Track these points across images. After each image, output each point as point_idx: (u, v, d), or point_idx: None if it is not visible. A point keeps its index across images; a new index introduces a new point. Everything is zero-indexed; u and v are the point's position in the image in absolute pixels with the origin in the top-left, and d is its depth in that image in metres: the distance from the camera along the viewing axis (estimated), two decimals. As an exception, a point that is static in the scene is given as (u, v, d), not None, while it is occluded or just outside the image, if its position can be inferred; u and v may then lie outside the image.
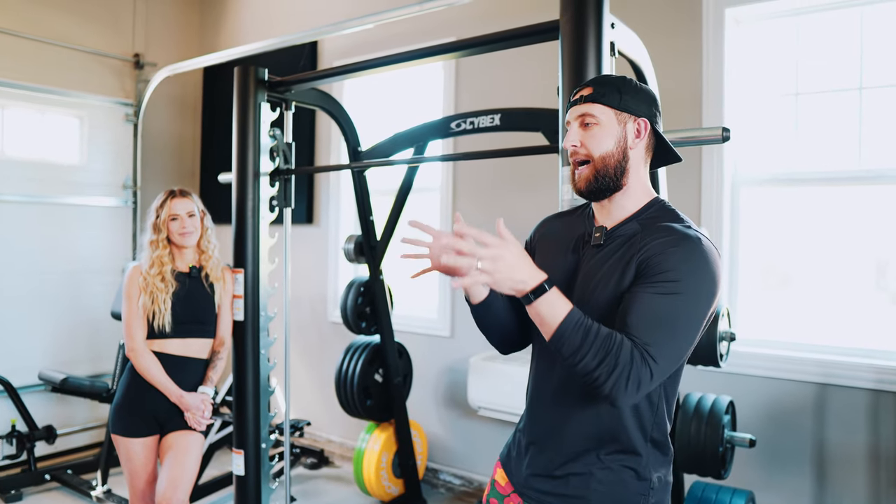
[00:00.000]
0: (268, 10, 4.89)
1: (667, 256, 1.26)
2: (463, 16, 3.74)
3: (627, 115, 1.37)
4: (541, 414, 1.46)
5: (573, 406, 1.39)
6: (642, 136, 1.39)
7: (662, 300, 1.24)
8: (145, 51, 4.86)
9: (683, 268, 1.25)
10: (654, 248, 1.28)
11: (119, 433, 2.52)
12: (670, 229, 1.31)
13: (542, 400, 1.46)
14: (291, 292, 4.48)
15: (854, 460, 2.72)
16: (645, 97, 1.39)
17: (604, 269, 1.35)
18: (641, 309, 1.24)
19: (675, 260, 1.26)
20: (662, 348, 1.23)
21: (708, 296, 1.27)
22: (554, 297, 1.23)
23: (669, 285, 1.24)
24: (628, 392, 1.21)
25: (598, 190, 1.38)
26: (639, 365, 1.20)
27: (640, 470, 1.37)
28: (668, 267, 1.25)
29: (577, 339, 1.21)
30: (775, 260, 3.10)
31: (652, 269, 1.27)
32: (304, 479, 4.08)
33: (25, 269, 4.26)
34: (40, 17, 4.34)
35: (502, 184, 3.71)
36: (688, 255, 1.26)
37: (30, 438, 3.86)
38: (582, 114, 1.38)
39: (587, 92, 1.39)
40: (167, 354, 2.56)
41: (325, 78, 2.75)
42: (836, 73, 2.89)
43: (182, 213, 2.61)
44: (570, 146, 1.39)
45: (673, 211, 1.39)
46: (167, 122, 5.12)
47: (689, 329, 1.26)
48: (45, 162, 4.39)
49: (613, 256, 1.35)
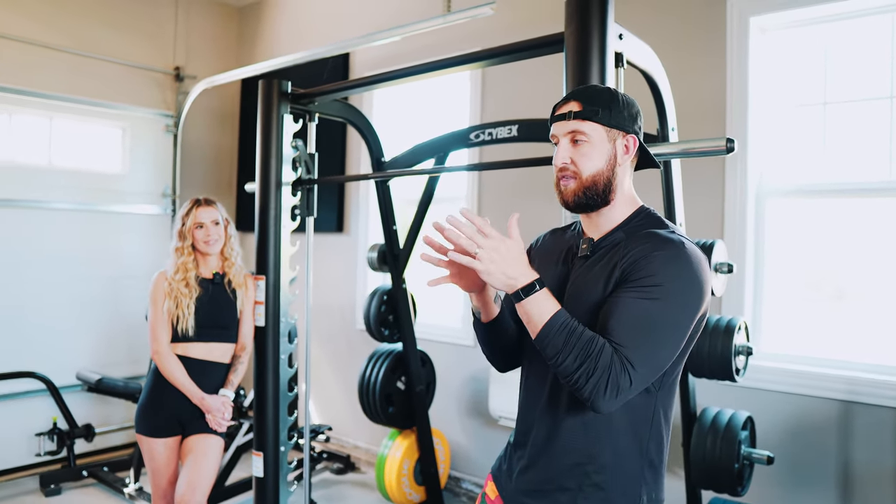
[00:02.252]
0: (302, 24, 5.02)
1: (649, 261, 1.26)
2: (489, 27, 3.77)
3: (617, 132, 1.36)
4: (530, 428, 1.46)
5: (563, 420, 1.39)
6: (631, 152, 1.39)
7: (643, 304, 1.24)
8: (185, 64, 5.04)
9: (665, 272, 1.25)
10: (636, 253, 1.29)
11: (142, 433, 2.62)
12: (653, 235, 1.32)
13: (532, 414, 1.46)
14: (321, 300, 4.56)
15: (881, 481, 2.63)
16: (631, 110, 1.39)
17: (589, 277, 1.36)
18: (622, 313, 1.24)
19: (657, 264, 1.26)
20: (642, 354, 1.23)
21: (692, 301, 1.26)
22: (543, 296, 1.26)
23: (651, 290, 1.24)
24: (607, 397, 1.21)
25: (585, 205, 1.38)
26: (618, 370, 1.21)
27: (630, 488, 1.35)
28: (650, 271, 1.25)
29: (560, 340, 1.23)
30: (802, 273, 3.02)
31: (634, 273, 1.27)
32: (330, 483, 4.14)
33: (69, 275, 4.45)
34: (85, 32, 4.55)
35: (525, 192, 3.72)
36: (670, 258, 1.26)
37: (70, 436, 4.03)
38: (572, 130, 1.37)
39: (576, 107, 1.37)
40: (190, 358, 2.65)
41: (346, 90, 2.80)
42: (865, 81, 2.82)
43: (207, 222, 2.70)
44: (561, 164, 1.38)
45: (658, 218, 1.40)
46: (205, 133, 5.28)
47: (670, 334, 1.25)
48: (90, 171, 4.59)
49: (598, 265, 1.36)
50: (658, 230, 1.34)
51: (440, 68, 2.34)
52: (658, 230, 1.34)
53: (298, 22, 5.06)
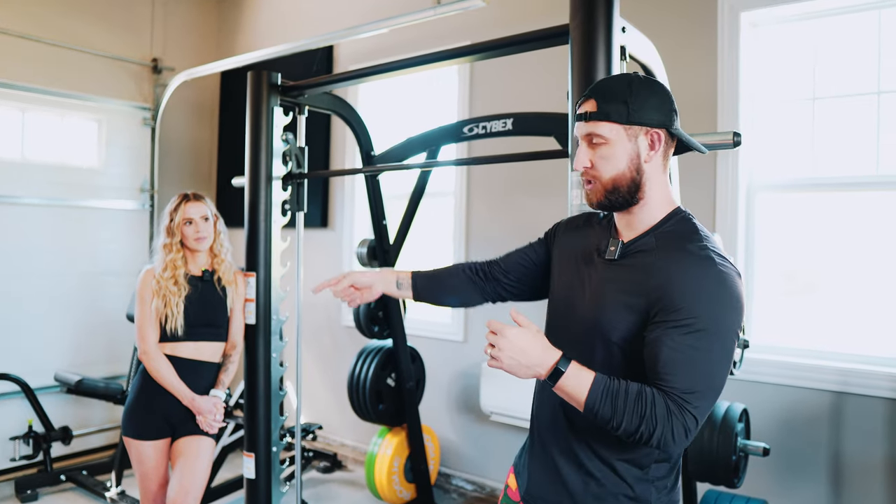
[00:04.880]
0: (284, 15, 4.93)
1: (692, 297, 1.20)
2: (477, 21, 3.74)
3: (639, 128, 1.28)
4: (548, 420, 1.44)
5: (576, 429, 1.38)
6: (657, 148, 1.30)
7: (693, 343, 1.18)
8: (163, 55, 4.92)
9: (711, 309, 1.19)
10: (675, 284, 1.21)
11: (131, 436, 2.54)
12: (689, 257, 1.24)
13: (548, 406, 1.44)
14: (306, 296, 4.50)
15: (872, 471, 2.67)
16: (656, 101, 1.29)
17: (613, 289, 1.31)
18: (673, 356, 1.18)
19: (702, 301, 1.19)
20: (700, 392, 1.19)
21: (736, 329, 1.23)
22: (573, 373, 1.21)
23: (699, 330, 1.18)
24: (677, 442, 1.18)
25: (611, 206, 1.33)
26: (677, 416, 1.17)
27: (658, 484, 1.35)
28: (695, 312, 1.19)
29: (608, 409, 1.19)
30: (792, 266, 3.05)
31: (675, 309, 1.20)
32: (317, 482, 4.09)
33: (44, 271, 4.32)
34: (60, 21, 4.41)
35: (516, 187, 3.71)
36: (713, 292, 1.20)
37: (46, 439, 3.91)
38: (588, 133, 1.30)
39: (591, 108, 1.30)
40: (179, 358, 2.58)
41: (338, 82, 2.76)
42: (853, 76, 2.85)
43: (196, 217, 2.62)
44: (581, 168, 1.32)
45: (691, 224, 1.32)
46: (184, 126, 5.17)
47: (723, 367, 1.22)
48: (64, 165, 4.45)
49: (624, 277, 1.30)
50: (691, 246, 1.26)
51: (441, 59, 2.30)
52: (691, 246, 1.26)
53: (281, 13, 4.97)
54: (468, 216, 3.91)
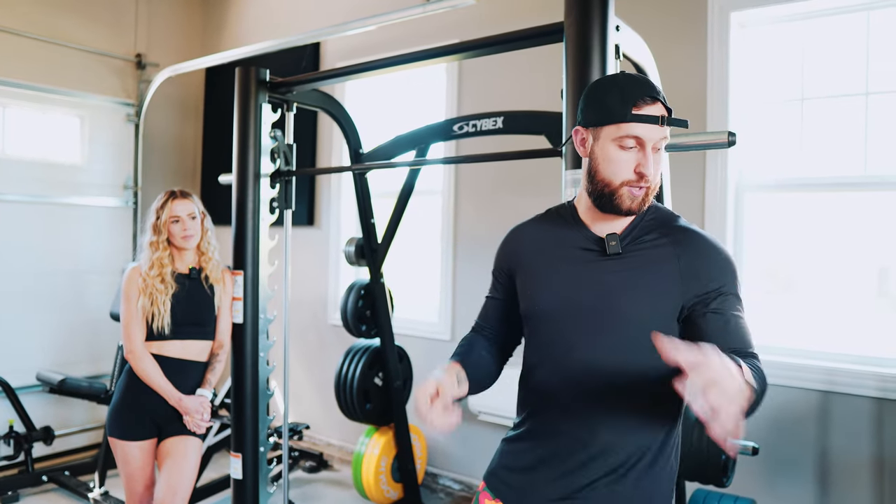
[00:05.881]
0: (271, 11, 4.88)
1: (718, 268, 1.29)
2: (465, 19, 3.72)
3: None
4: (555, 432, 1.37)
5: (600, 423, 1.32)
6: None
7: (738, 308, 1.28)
8: (147, 51, 4.85)
9: (733, 276, 1.30)
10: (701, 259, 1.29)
11: (116, 436, 2.50)
12: (691, 234, 1.33)
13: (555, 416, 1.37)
14: (292, 295, 4.46)
15: (858, 469, 2.69)
16: None
17: (629, 279, 1.30)
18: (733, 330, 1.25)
19: (726, 271, 1.29)
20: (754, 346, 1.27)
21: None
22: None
23: (734, 295, 1.29)
24: None
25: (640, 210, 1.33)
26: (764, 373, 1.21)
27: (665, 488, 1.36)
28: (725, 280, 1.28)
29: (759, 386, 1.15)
30: (779, 266, 3.07)
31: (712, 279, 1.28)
32: (303, 482, 4.05)
33: (25, 269, 4.24)
34: (42, 16, 4.33)
35: (504, 187, 3.69)
36: (727, 260, 1.31)
37: (27, 439, 3.84)
38: (663, 137, 1.28)
39: (663, 111, 1.27)
40: (166, 357, 2.53)
41: (327, 79, 2.73)
42: (842, 78, 2.87)
43: (183, 215, 2.58)
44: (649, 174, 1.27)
45: (664, 207, 1.40)
46: (168, 123, 5.10)
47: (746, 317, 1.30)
48: (46, 162, 4.38)
49: (637, 267, 1.30)
50: (681, 223, 1.36)
51: (433, 57, 2.28)
52: (681, 223, 1.36)
53: (268, 9, 4.92)
54: (456, 215, 3.89)
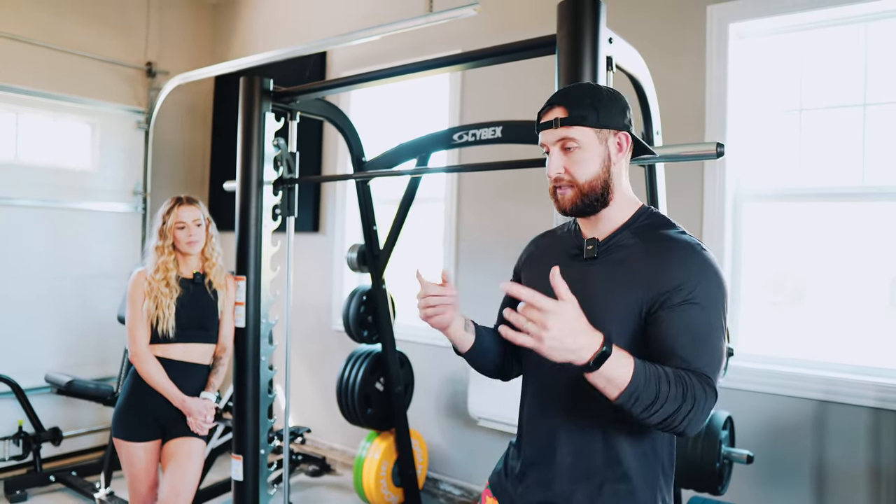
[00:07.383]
0: (279, 21, 4.96)
1: (688, 276, 1.24)
2: (469, 29, 3.77)
3: (608, 131, 1.33)
4: (542, 440, 1.41)
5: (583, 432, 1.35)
6: (624, 150, 1.36)
7: (700, 321, 1.22)
8: (157, 59, 4.93)
9: (706, 288, 1.24)
10: (670, 267, 1.26)
11: (121, 437, 2.55)
12: (674, 242, 1.30)
13: (542, 426, 1.41)
14: (296, 300, 4.52)
15: (854, 479, 2.70)
16: (617, 105, 1.34)
17: (604, 283, 1.32)
18: (685, 337, 1.21)
19: (700, 281, 1.24)
20: (715, 370, 1.22)
21: (726, 305, 1.27)
22: (617, 355, 1.12)
23: (701, 306, 1.23)
24: (701, 425, 1.19)
25: (584, 210, 1.36)
26: (709, 396, 1.18)
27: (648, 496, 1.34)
28: (694, 290, 1.23)
29: (651, 393, 1.13)
30: (778, 276, 3.09)
31: (676, 289, 1.23)
32: (306, 486, 4.09)
33: (36, 273, 4.32)
34: (55, 25, 4.42)
35: (505, 195, 3.73)
36: (704, 272, 1.25)
37: (36, 440, 3.91)
38: (562, 138, 1.33)
39: (562, 113, 1.33)
40: (170, 359, 2.59)
41: (329, 89, 2.78)
42: (840, 89, 2.89)
43: (189, 221, 2.64)
44: (556, 174, 1.34)
45: (663, 216, 1.38)
46: (178, 130, 5.18)
47: (723, 344, 1.25)
48: (58, 168, 4.46)
49: (612, 270, 1.32)
50: (669, 232, 1.32)
51: (433, 67, 2.33)
52: (669, 232, 1.32)
53: (275, 18, 4.99)
54: (458, 222, 3.93)
